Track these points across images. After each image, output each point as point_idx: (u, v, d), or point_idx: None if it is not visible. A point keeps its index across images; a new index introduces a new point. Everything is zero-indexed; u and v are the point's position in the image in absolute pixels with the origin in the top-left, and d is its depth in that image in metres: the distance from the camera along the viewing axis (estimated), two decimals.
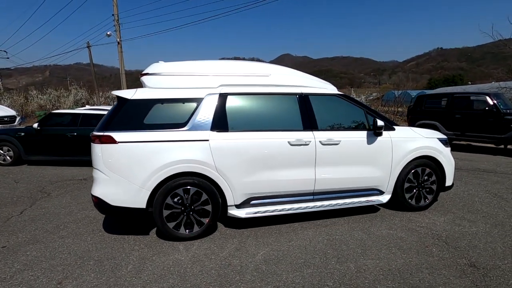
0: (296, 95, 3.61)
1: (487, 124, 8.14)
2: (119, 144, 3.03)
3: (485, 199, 4.48)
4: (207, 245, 3.14)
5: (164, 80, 3.40)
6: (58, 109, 19.71)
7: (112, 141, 3.02)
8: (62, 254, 2.98)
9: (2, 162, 7.04)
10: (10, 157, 7.04)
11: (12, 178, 6.00)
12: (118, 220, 3.77)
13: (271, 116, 3.54)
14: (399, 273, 2.58)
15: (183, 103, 3.29)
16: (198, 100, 3.31)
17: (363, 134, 3.70)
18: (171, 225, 3.18)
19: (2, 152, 7.02)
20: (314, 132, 3.53)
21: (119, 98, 3.22)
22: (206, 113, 3.29)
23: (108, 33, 17.33)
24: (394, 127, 3.89)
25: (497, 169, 6.40)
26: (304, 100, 3.61)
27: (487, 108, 8.13)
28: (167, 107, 3.27)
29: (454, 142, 9.84)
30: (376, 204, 4.14)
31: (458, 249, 2.98)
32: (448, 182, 4.09)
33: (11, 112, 11.06)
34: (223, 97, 3.38)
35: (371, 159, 3.72)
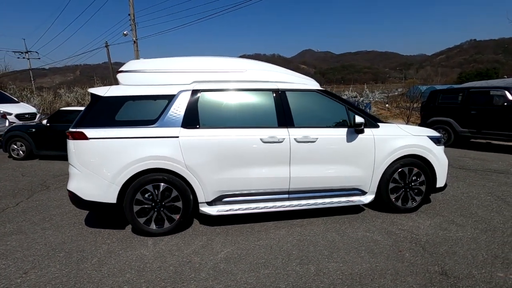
0: (272, 91, 3.51)
1: (505, 121, 7.53)
2: (91, 140, 3.11)
3: (485, 202, 4.15)
4: (175, 241, 3.16)
5: (138, 77, 3.44)
6: (84, 106, 20.75)
7: (83, 137, 3.11)
8: (38, 245, 3.12)
9: (15, 156, 7.51)
10: (23, 151, 7.49)
11: (21, 171, 6.38)
12: (100, 214, 3.89)
13: (245, 113, 3.48)
14: (359, 278, 2.46)
15: (155, 100, 3.31)
16: (170, 97, 3.32)
17: (342, 132, 3.54)
18: (141, 220, 3.23)
19: (15, 147, 7.49)
20: (289, 129, 3.42)
21: (93, 95, 3.30)
22: (177, 109, 3.29)
23: (124, 32, 17.90)
24: (379, 124, 3.69)
25: (510, 170, 5.91)
26: (280, 96, 3.51)
27: (505, 104, 7.52)
28: (140, 104, 3.31)
29: (472, 140, 9.23)
30: (361, 205, 3.97)
31: (434, 255, 2.78)
32: (440, 183, 3.83)
33: (32, 109, 11.76)
34: (195, 93, 3.36)
35: (351, 157, 3.55)
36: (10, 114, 10.46)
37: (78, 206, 3.28)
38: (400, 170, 3.69)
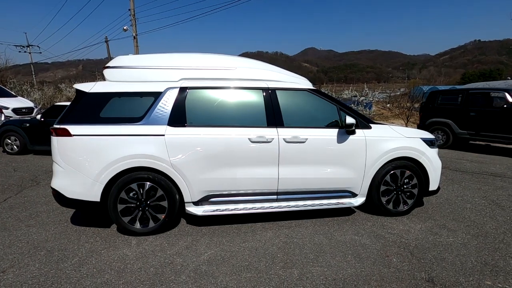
0: (261, 89, 3.44)
1: (505, 123, 7.42)
2: (74, 137, 3.05)
3: (478, 206, 4.07)
4: (159, 241, 3.11)
5: (124, 73, 3.37)
6: None
7: (67, 134, 3.05)
8: (20, 243, 3.07)
9: (9, 151, 7.47)
10: (17, 146, 7.44)
11: (13, 166, 6.34)
12: (86, 212, 3.84)
13: (234, 112, 3.41)
14: (343, 283, 2.39)
15: (141, 97, 3.24)
16: (157, 94, 3.25)
17: (333, 132, 3.46)
18: (126, 219, 3.17)
19: (9, 141, 7.44)
20: (279, 129, 3.35)
21: (78, 91, 3.23)
22: (164, 107, 3.22)
23: (124, 27, 17.81)
24: (371, 125, 3.61)
25: (507, 173, 5.82)
26: (270, 95, 3.43)
27: (505, 106, 7.41)
28: (126, 100, 3.24)
29: (470, 142, 9.13)
30: (352, 207, 3.90)
31: (422, 261, 2.71)
32: (433, 186, 3.75)
33: (29, 103, 11.70)
34: (183, 91, 3.29)
35: (342, 158, 3.48)
36: (6, 108, 10.40)
37: (62, 204, 3.22)
38: (392, 172, 3.61)
